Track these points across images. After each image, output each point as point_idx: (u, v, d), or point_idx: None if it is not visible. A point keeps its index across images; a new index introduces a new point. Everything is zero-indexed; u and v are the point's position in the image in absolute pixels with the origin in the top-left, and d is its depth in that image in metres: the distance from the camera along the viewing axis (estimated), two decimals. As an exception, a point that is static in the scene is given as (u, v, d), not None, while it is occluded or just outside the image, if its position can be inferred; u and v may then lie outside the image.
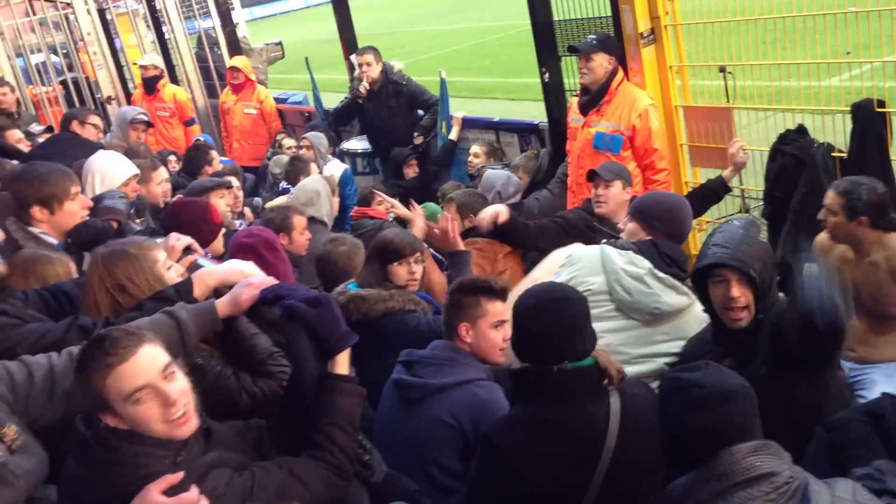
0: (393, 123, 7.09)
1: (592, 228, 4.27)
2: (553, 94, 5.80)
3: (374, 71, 7.00)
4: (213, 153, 6.45)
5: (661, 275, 3.19)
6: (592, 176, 4.39)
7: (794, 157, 4.59)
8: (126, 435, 1.94)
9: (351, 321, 3.19)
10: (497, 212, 4.28)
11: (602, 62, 4.96)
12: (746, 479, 1.88)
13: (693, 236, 5.34)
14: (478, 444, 2.63)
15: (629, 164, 4.81)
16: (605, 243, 3.39)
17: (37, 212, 3.32)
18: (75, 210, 3.40)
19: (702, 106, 5.18)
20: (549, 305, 2.49)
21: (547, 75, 5.78)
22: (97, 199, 3.74)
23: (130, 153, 5.20)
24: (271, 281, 2.39)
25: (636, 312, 3.17)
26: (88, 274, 2.62)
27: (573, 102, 5.30)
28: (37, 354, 2.20)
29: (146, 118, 6.91)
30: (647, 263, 3.22)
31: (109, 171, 4.25)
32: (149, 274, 2.55)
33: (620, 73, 5.01)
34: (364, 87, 7.08)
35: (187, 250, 2.87)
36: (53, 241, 3.23)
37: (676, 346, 3.13)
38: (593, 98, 5.03)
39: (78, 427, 1.97)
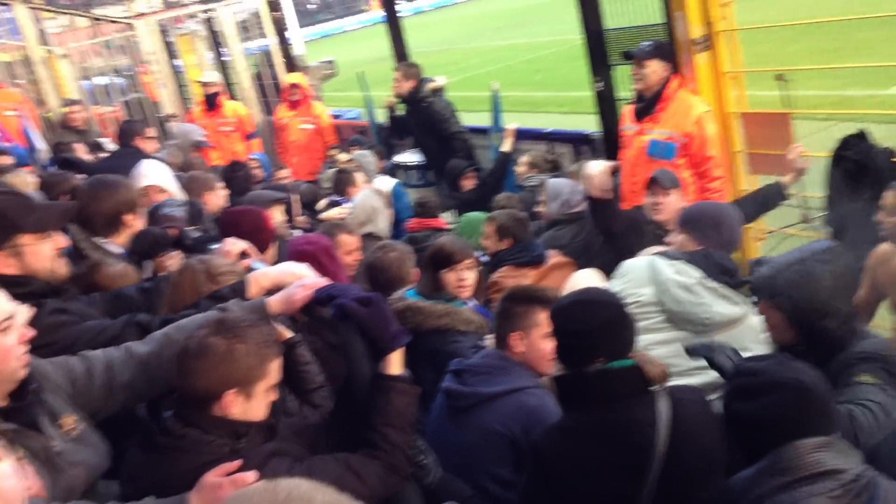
0: (424, 139, 7.20)
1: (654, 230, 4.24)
2: (606, 104, 5.77)
3: (402, 87, 7.14)
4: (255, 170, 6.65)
5: (711, 284, 3.15)
6: (651, 183, 4.35)
7: (855, 163, 4.47)
8: (189, 423, 2.00)
9: (407, 328, 3.22)
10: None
11: (656, 69, 4.92)
12: (810, 475, 1.85)
13: (751, 245, 5.25)
14: (528, 452, 2.62)
15: (683, 172, 4.75)
16: (655, 254, 3.37)
17: (129, 219, 3.36)
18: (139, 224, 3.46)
19: (760, 112, 5.08)
20: (580, 306, 2.48)
21: (600, 84, 5.75)
22: (156, 208, 3.83)
23: (187, 166, 5.32)
24: (324, 282, 2.42)
25: (687, 323, 3.14)
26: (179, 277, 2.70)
27: (627, 110, 5.26)
28: (96, 350, 2.27)
29: (207, 143, 7.11)
30: (696, 273, 3.18)
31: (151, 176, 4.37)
32: None
33: (676, 80, 4.95)
34: (389, 100, 7.24)
35: (243, 255, 2.92)
36: (118, 250, 3.30)
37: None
38: (648, 105, 4.98)
39: (141, 415, 2.02)
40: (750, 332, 3.09)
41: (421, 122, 7.18)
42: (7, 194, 2.56)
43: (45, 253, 2.47)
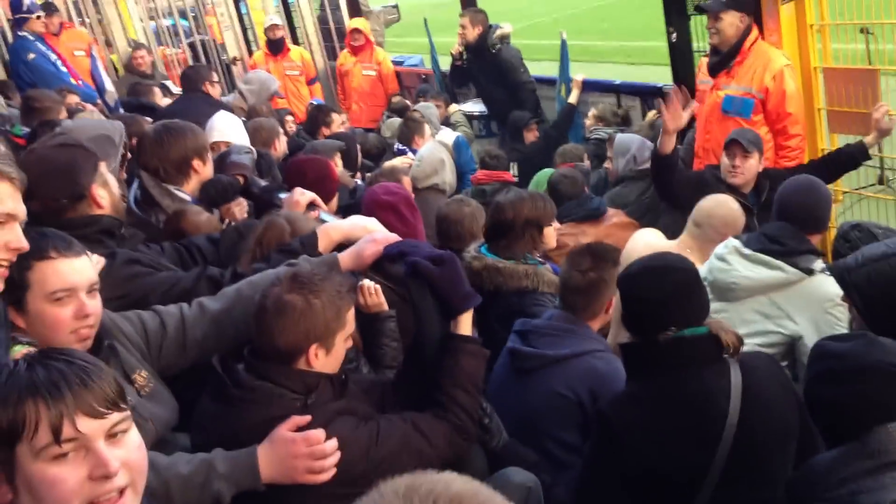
0: (487, 87, 7.04)
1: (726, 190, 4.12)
2: (680, 56, 5.56)
3: (469, 34, 6.91)
4: (333, 115, 6.58)
5: (746, 251, 3.17)
6: (730, 144, 4.20)
7: (944, 124, 4.25)
8: (261, 375, 2.01)
9: (482, 290, 3.17)
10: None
11: (733, 21, 4.66)
12: None
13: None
14: (594, 419, 2.57)
15: (760, 129, 4.55)
16: None
17: (198, 165, 3.29)
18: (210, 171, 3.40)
19: (845, 67, 4.84)
20: (653, 272, 2.40)
21: (674, 35, 5.53)
22: (223, 156, 3.82)
23: (253, 112, 5.30)
24: (395, 237, 2.39)
25: (718, 291, 3.18)
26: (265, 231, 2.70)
27: (702, 64, 5.05)
28: (168, 304, 2.27)
29: (282, 95, 7.10)
30: (734, 242, 3.21)
31: (226, 131, 4.36)
32: None
33: (755, 32, 4.69)
34: (456, 48, 7.04)
35: (311, 206, 2.90)
36: (187, 197, 3.31)
37: (776, 325, 3.12)
38: (724, 59, 4.73)
39: (214, 365, 2.03)
40: (803, 298, 3.14)
41: (488, 70, 7.00)
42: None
43: (116, 186, 2.51)
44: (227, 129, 4.39)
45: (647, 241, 3.70)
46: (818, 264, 3.21)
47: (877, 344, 1.94)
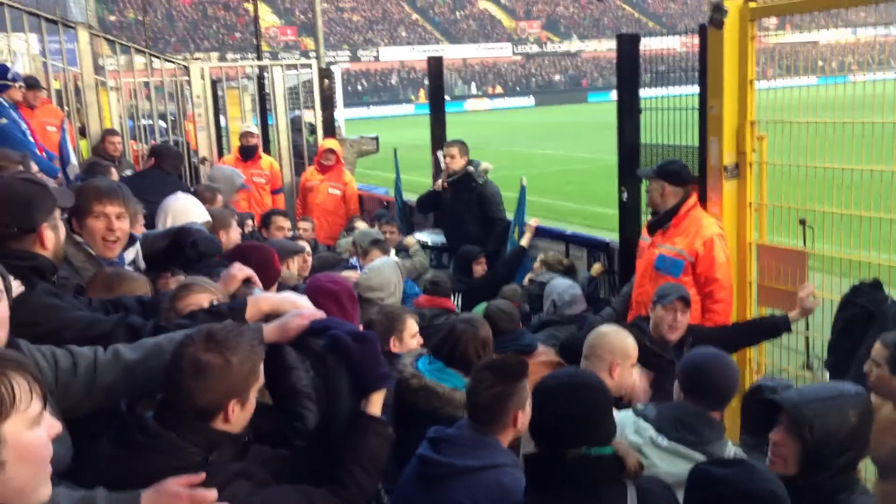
0: (462, 218, 7.23)
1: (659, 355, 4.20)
2: (629, 214, 5.85)
3: (457, 163, 7.18)
4: (287, 221, 6.73)
5: (664, 443, 3.10)
6: (678, 299, 4.31)
7: (864, 310, 4.47)
8: (168, 425, 2.01)
9: (417, 408, 3.24)
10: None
11: (660, 188, 5.01)
12: None
13: (748, 378, 5.21)
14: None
15: (689, 291, 4.76)
16: (634, 408, 3.35)
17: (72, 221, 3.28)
18: (96, 227, 3.33)
19: (777, 246, 5.12)
20: (572, 388, 2.46)
21: (625, 195, 5.84)
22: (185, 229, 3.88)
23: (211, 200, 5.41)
24: (321, 314, 2.43)
25: None
26: None
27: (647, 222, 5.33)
28: (83, 345, 2.27)
29: (248, 186, 7.26)
30: (650, 433, 3.14)
31: (182, 212, 4.44)
32: None
33: (693, 200, 5.02)
34: (441, 183, 7.27)
35: (247, 282, 2.94)
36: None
37: None
38: (661, 220, 5.05)
39: (121, 410, 2.02)
40: None
41: (467, 201, 7.23)
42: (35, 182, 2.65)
43: (63, 235, 2.54)
44: (197, 208, 4.51)
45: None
46: (730, 448, 3.27)
47: (756, 469, 2.01)
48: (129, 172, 7.95)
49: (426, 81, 8.72)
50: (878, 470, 3.65)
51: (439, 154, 7.80)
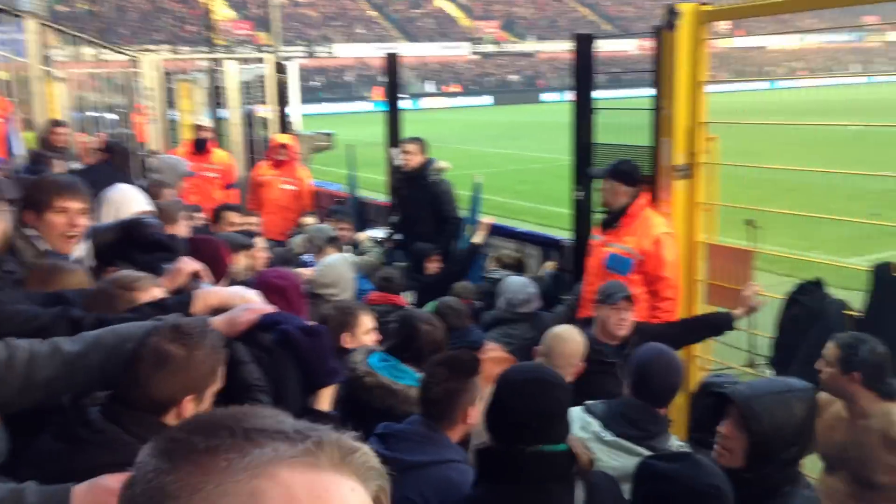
0: (416, 216, 7.22)
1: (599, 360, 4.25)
2: (582, 213, 5.90)
3: (414, 160, 7.15)
4: (238, 217, 6.63)
5: (608, 437, 3.16)
6: (623, 298, 4.37)
7: (808, 309, 4.57)
8: (113, 419, 1.96)
9: (371, 407, 3.22)
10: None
11: (612, 188, 5.08)
12: None
13: (695, 374, 5.30)
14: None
15: (637, 288, 4.83)
16: (584, 405, 3.39)
17: (27, 214, 3.25)
18: (56, 223, 3.30)
19: (725, 245, 5.22)
20: (534, 386, 2.47)
21: (580, 194, 5.89)
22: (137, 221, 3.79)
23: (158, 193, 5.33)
24: (271, 308, 2.41)
25: None
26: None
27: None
28: (22, 339, 2.21)
29: (193, 173, 7.15)
30: (595, 427, 3.21)
31: (124, 202, 4.36)
32: None
33: (643, 199, 5.09)
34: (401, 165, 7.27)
35: (195, 276, 2.90)
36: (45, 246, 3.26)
37: None
38: (611, 219, 5.13)
39: (65, 404, 1.97)
40: None
41: (421, 199, 7.21)
42: None
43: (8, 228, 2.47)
44: (138, 197, 4.43)
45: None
46: (673, 442, 3.33)
47: (702, 464, 2.04)
48: (75, 165, 7.80)
49: (382, 79, 8.66)
50: (824, 465, 3.74)
51: (394, 151, 7.78)
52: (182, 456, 0.81)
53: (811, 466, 3.63)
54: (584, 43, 5.83)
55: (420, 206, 7.19)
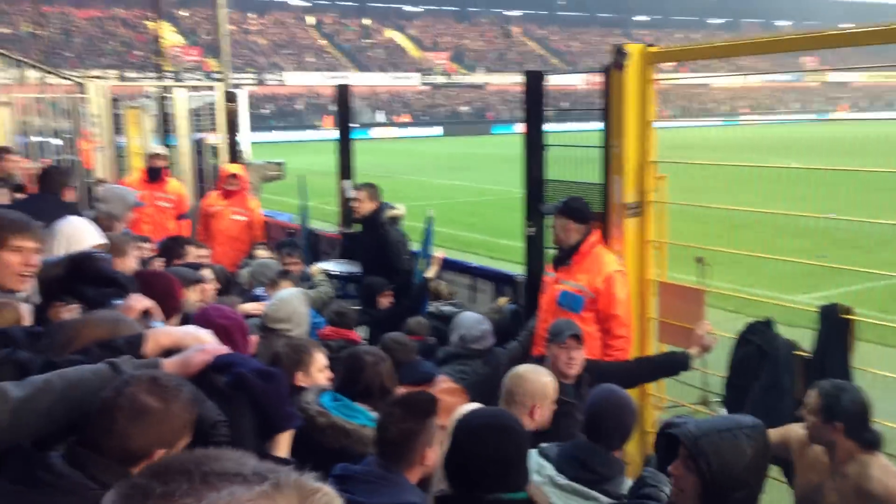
0: (369, 260, 7.18)
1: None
2: (534, 249, 5.92)
3: (364, 207, 7.12)
4: (189, 248, 6.51)
5: (561, 481, 3.15)
6: (571, 336, 4.35)
7: (758, 348, 4.64)
8: (76, 464, 1.90)
9: (324, 447, 3.16)
10: None
11: (563, 225, 5.10)
12: None
13: (650, 413, 5.33)
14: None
15: (589, 326, 4.85)
16: (539, 447, 3.37)
17: None
18: (10, 262, 3.18)
19: (676, 283, 5.28)
20: (494, 431, 2.44)
21: (532, 230, 5.91)
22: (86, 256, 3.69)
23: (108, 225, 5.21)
24: (225, 350, 2.35)
25: None
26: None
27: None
28: None
29: (142, 203, 7.02)
30: (549, 471, 3.19)
31: (76, 236, 4.25)
32: None
33: (595, 237, 5.12)
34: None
35: (146, 314, 2.82)
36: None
37: None
38: (563, 256, 5.14)
39: (23, 445, 1.89)
40: None
41: (371, 245, 7.15)
42: None
43: None
44: (90, 230, 4.33)
45: None
46: (626, 485, 3.31)
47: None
48: (18, 195, 7.60)
49: (333, 107, 8.65)
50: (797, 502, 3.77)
51: (346, 184, 7.74)
52: (139, 501, 0.84)
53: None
54: (534, 79, 5.89)
55: (369, 253, 7.15)
